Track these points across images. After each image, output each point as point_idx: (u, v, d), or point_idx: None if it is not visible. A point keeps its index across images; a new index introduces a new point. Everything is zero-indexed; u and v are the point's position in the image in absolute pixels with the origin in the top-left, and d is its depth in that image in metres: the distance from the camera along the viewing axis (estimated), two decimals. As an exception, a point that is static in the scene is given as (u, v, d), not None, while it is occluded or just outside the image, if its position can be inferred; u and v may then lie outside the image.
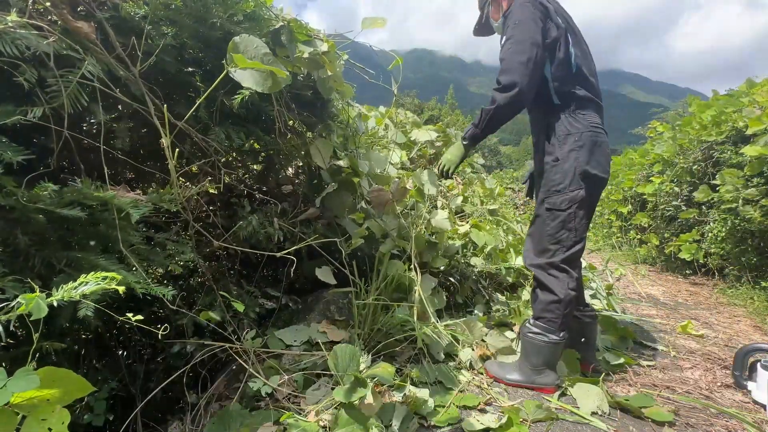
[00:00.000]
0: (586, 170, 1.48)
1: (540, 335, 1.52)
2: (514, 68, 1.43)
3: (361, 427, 1.06)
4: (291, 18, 1.42)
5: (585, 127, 1.50)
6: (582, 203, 1.50)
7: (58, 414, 0.63)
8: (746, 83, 3.95)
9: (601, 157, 1.51)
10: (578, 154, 1.49)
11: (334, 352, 1.22)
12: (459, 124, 34.03)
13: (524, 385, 1.56)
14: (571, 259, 1.53)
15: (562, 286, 1.50)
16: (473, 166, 5.13)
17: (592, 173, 1.49)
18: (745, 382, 1.64)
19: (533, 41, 1.43)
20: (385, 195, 1.87)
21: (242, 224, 1.48)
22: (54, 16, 0.96)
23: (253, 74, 1.05)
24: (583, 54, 1.56)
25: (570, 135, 1.50)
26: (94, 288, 0.65)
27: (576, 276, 1.57)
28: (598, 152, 1.50)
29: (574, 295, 1.52)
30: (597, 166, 1.50)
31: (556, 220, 1.52)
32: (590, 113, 1.53)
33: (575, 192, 1.49)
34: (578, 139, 1.49)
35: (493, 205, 3.82)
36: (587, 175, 1.48)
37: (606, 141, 1.55)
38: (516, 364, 1.63)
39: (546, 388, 1.54)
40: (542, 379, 1.54)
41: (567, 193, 1.50)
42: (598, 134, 1.52)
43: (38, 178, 0.90)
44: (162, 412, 1.49)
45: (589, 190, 1.50)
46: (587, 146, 1.49)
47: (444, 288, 2.32)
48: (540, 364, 1.54)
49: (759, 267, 3.45)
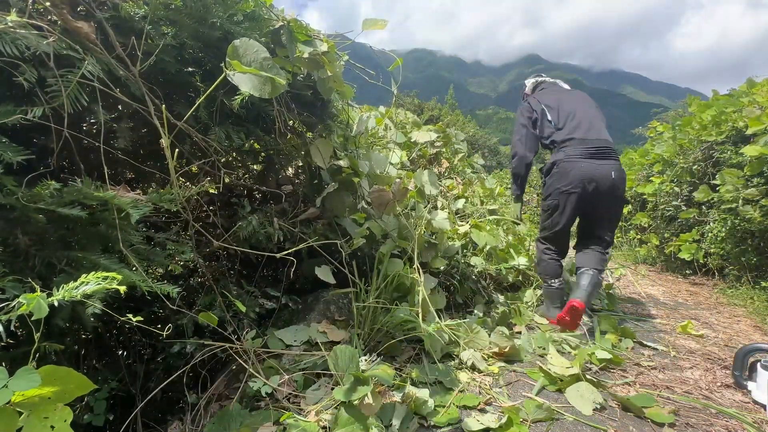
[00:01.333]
0: (558, 188, 2.27)
1: (545, 284, 2.45)
2: (514, 144, 2.52)
3: (361, 426, 1.06)
4: (291, 18, 1.42)
5: (563, 158, 2.25)
6: (555, 208, 2.32)
7: (60, 412, 0.63)
8: (746, 83, 3.95)
9: (573, 178, 2.21)
10: (554, 179, 2.30)
11: (333, 353, 1.22)
12: (459, 124, 33.99)
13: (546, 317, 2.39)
14: (549, 238, 2.43)
15: (540, 252, 2.49)
16: (473, 166, 5.13)
17: (564, 189, 2.25)
18: (745, 382, 1.64)
19: (522, 124, 2.48)
20: (386, 195, 1.87)
21: (242, 224, 1.47)
22: (54, 16, 0.96)
23: (252, 78, 1.05)
24: (562, 112, 2.37)
25: (554, 164, 2.30)
26: (95, 288, 0.65)
27: (553, 249, 2.44)
28: (570, 175, 2.22)
29: (547, 257, 2.43)
30: (568, 185, 2.23)
31: (543, 214, 2.45)
32: (570, 147, 2.25)
33: (551, 201, 2.34)
34: (557, 167, 2.27)
35: (493, 205, 3.82)
36: (561, 191, 2.27)
37: (579, 164, 2.21)
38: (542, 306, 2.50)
39: (552, 319, 2.31)
40: (549, 313, 2.38)
41: (547, 201, 2.36)
42: (573, 161, 2.22)
43: (38, 178, 0.90)
44: (162, 412, 1.49)
45: (563, 199, 2.27)
46: (560, 172, 2.26)
47: (444, 288, 2.33)
48: (551, 304, 2.38)
49: (759, 267, 3.45)
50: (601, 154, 2.21)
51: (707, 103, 4.32)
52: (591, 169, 2.18)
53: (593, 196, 2.21)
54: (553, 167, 2.27)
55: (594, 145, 2.22)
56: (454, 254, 2.42)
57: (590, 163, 2.19)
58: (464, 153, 4.42)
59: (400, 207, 2.04)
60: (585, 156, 2.20)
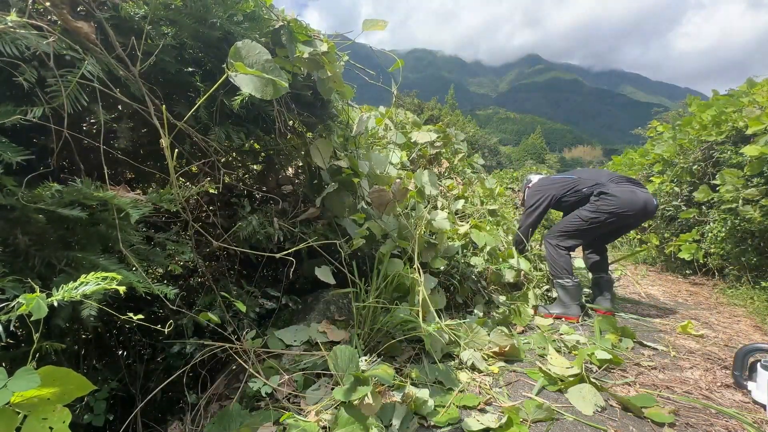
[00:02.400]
0: (611, 209, 2.52)
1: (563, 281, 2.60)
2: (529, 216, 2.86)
3: (360, 426, 1.06)
4: (291, 18, 1.42)
5: (616, 187, 2.54)
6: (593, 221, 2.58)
7: (59, 413, 0.63)
8: (746, 83, 3.95)
9: (631, 202, 2.49)
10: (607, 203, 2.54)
11: (333, 353, 1.22)
12: (459, 124, 33.97)
13: (560, 315, 2.55)
14: (568, 243, 2.69)
15: (554, 249, 2.70)
16: (473, 166, 5.13)
17: (620, 212, 2.50)
18: (745, 382, 1.64)
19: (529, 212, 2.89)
20: (386, 195, 1.87)
21: (242, 224, 1.47)
22: (54, 16, 0.96)
23: (254, 80, 1.05)
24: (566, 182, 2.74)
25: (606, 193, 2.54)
26: (95, 288, 0.65)
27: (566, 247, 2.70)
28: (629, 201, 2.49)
29: (564, 253, 2.67)
30: (624, 208, 2.49)
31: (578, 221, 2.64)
32: (616, 183, 2.58)
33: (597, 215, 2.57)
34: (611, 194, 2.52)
35: (493, 205, 3.82)
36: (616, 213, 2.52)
37: (637, 193, 2.51)
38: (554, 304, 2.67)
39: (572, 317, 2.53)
40: (570, 311, 2.55)
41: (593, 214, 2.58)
42: (631, 190, 2.52)
43: (38, 178, 0.89)
44: (162, 412, 1.49)
45: (612, 217, 2.53)
46: (618, 197, 2.50)
47: (444, 288, 2.32)
48: (571, 302, 2.57)
49: (759, 267, 3.45)
50: (642, 186, 2.62)
51: (707, 103, 4.32)
52: (646, 197, 2.51)
53: (636, 220, 2.60)
54: (606, 195, 2.53)
55: (633, 180, 2.64)
56: (454, 254, 2.42)
57: (645, 192, 2.55)
58: (464, 153, 4.42)
59: (400, 207, 2.04)
60: (637, 186, 2.59)
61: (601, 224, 2.55)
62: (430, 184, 2.25)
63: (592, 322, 2.34)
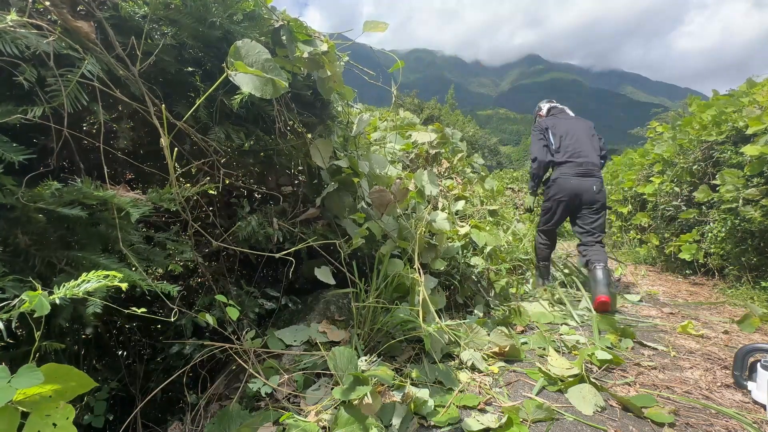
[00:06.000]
0: (553, 196, 3.17)
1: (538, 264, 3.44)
2: (534, 151, 3.26)
3: (360, 426, 1.06)
4: (291, 17, 1.42)
5: (559, 176, 3.12)
6: (549, 209, 3.25)
7: (62, 410, 0.63)
8: (747, 83, 3.95)
9: (563, 188, 3.09)
10: (552, 190, 3.17)
11: (332, 354, 1.22)
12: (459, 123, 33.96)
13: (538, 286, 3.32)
14: (544, 231, 3.37)
15: (537, 242, 3.46)
16: (473, 166, 5.13)
17: (557, 198, 3.14)
18: (745, 382, 1.64)
19: (539, 138, 3.28)
20: (386, 195, 1.87)
21: (242, 224, 1.47)
22: (54, 16, 0.96)
23: (254, 79, 1.05)
24: (563, 138, 3.17)
25: (554, 180, 3.16)
26: (98, 285, 0.65)
27: (546, 239, 3.40)
28: (561, 186, 3.10)
29: (542, 246, 3.41)
30: (560, 194, 3.12)
31: (542, 213, 3.36)
32: (564, 167, 3.10)
33: (547, 204, 3.26)
34: (555, 182, 3.15)
35: (493, 205, 3.82)
36: (555, 198, 3.16)
37: (570, 180, 3.07)
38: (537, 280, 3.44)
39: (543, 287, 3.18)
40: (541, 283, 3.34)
41: (545, 204, 3.29)
42: (566, 178, 3.09)
43: (38, 177, 0.89)
44: (162, 412, 1.49)
45: (556, 204, 3.18)
46: (557, 185, 3.13)
47: (444, 288, 2.32)
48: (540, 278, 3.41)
49: (759, 267, 3.45)
50: (588, 173, 3.06)
51: (707, 103, 4.32)
52: (578, 183, 3.06)
53: (579, 204, 3.11)
54: (552, 181, 3.17)
55: (583, 167, 3.08)
56: (454, 254, 2.42)
57: (579, 179, 3.06)
58: (464, 153, 4.42)
59: (400, 208, 2.04)
60: (575, 175, 3.07)
61: (553, 213, 3.20)
62: (430, 184, 2.25)
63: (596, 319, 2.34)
